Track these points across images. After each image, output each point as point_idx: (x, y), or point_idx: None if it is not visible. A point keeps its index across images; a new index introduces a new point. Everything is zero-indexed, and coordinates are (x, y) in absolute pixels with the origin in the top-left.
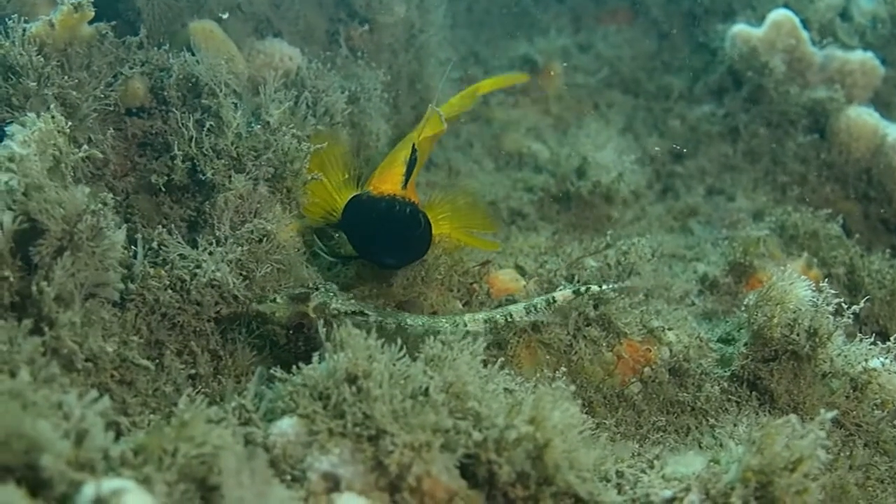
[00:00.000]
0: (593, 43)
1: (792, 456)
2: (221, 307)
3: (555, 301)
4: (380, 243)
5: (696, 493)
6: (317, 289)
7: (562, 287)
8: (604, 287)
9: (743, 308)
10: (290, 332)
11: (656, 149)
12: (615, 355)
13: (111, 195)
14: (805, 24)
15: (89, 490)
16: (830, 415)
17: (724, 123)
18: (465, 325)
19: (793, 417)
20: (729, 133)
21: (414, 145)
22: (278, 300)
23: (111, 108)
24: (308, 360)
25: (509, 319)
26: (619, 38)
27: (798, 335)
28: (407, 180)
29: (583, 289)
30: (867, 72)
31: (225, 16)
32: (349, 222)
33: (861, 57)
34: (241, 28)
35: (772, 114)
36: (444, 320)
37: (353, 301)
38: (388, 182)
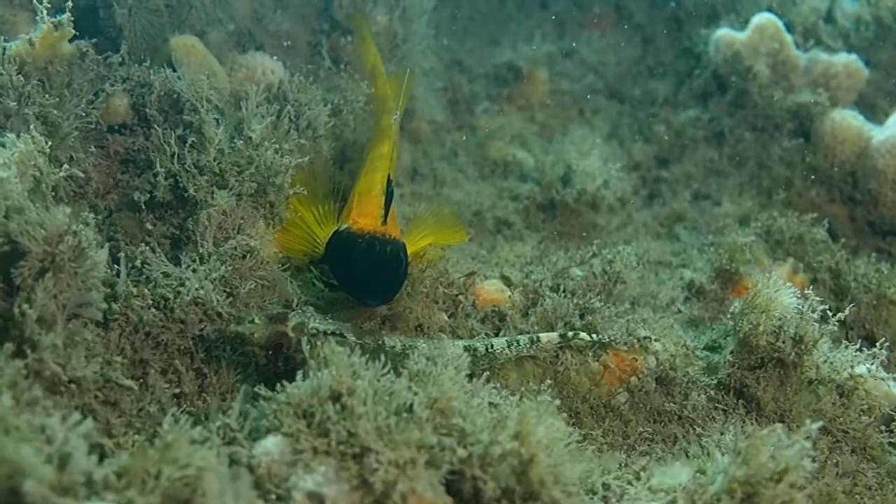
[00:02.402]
0: (577, 49)
1: (778, 466)
2: (206, 325)
3: (538, 340)
4: (361, 283)
5: None
6: (293, 310)
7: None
8: (594, 337)
9: (729, 316)
10: (269, 352)
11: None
12: (601, 365)
13: (92, 214)
14: (789, 27)
15: None
16: (816, 425)
17: (709, 128)
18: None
19: (778, 427)
20: (714, 137)
21: (389, 175)
22: (256, 321)
23: (93, 126)
24: (289, 380)
25: (490, 349)
26: (603, 44)
27: (784, 342)
28: (386, 214)
29: (570, 334)
30: (851, 74)
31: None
32: (332, 259)
33: (845, 59)
34: (223, 42)
35: (756, 118)
36: (422, 341)
37: (330, 321)
38: (368, 215)
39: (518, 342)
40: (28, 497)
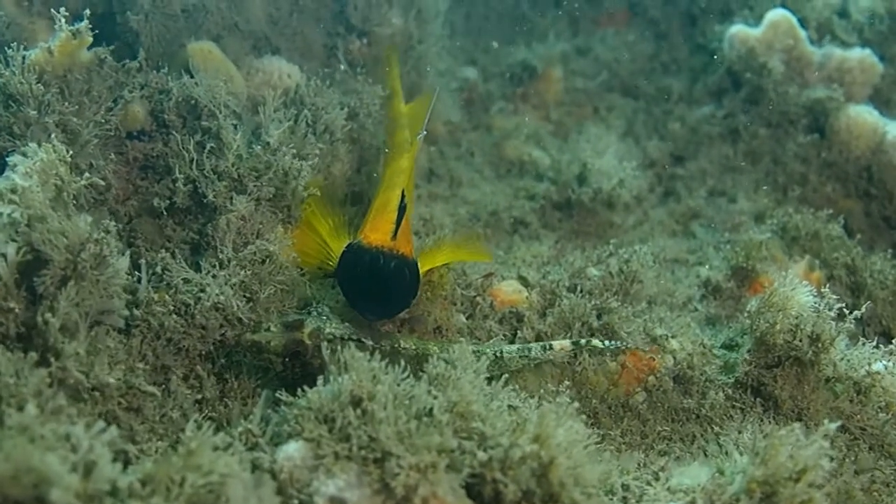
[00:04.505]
0: (591, 46)
1: (796, 466)
2: (226, 330)
3: (551, 348)
4: (363, 296)
5: None
6: (309, 313)
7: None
8: (606, 344)
9: (745, 314)
10: (286, 359)
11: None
12: (619, 365)
13: (113, 222)
14: (802, 22)
15: None
16: (835, 425)
17: (724, 125)
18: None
19: (797, 427)
20: (729, 134)
21: (403, 192)
22: (272, 329)
23: (112, 133)
24: (307, 385)
25: (499, 356)
26: (617, 41)
27: (801, 341)
28: (397, 229)
29: (583, 342)
30: (866, 69)
31: None
32: (340, 272)
33: (859, 54)
34: (240, 46)
35: (771, 114)
36: (433, 345)
37: (346, 325)
38: (379, 230)
39: (530, 349)
40: None
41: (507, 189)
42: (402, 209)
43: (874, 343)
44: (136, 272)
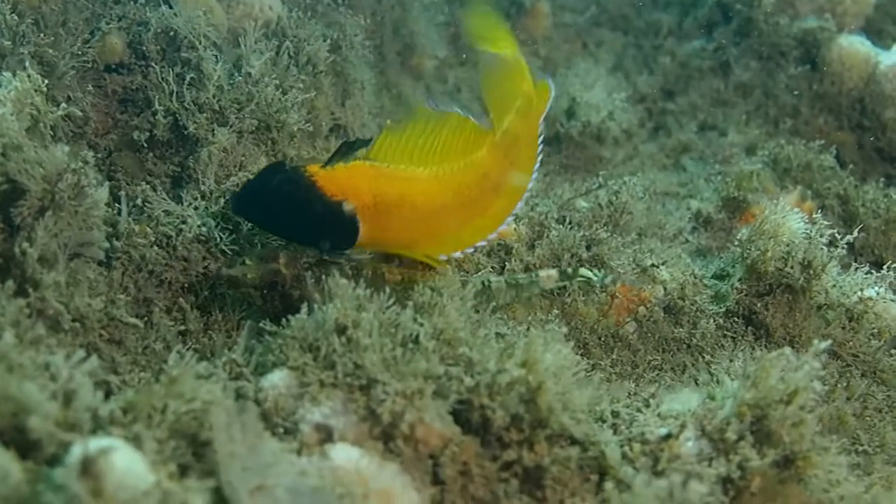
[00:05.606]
0: None
1: (787, 389)
2: (209, 262)
3: (538, 277)
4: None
5: (692, 430)
6: (285, 248)
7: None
8: (594, 273)
9: (736, 243)
10: (265, 291)
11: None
12: (609, 296)
13: (92, 153)
14: None
15: (77, 450)
16: (825, 345)
17: (715, 58)
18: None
19: (787, 350)
20: (720, 67)
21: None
22: (248, 262)
23: (89, 65)
24: (291, 315)
25: (486, 284)
26: None
27: (792, 268)
28: (330, 160)
29: (570, 271)
30: None
31: None
32: None
33: None
34: None
35: (762, 46)
36: (418, 276)
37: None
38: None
39: (517, 280)
40: (33, 433)
41: None
42: (354, 144)
43: (866, 269)
44: (117, 205)
